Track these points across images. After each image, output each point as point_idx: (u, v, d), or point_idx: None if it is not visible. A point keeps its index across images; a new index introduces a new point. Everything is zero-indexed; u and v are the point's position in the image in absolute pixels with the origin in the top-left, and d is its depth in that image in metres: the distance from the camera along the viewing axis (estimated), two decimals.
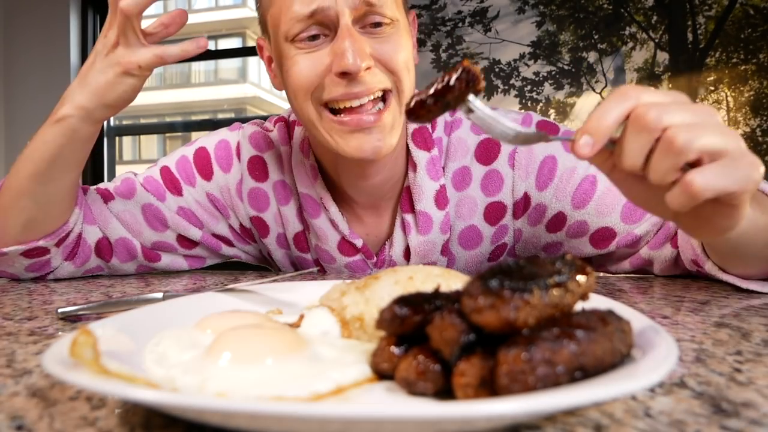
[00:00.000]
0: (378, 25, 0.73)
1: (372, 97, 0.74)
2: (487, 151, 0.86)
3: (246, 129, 0.96)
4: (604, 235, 0.84)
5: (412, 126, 0.86)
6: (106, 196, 0.93)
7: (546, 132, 0.71)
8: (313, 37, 0.73)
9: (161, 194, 0.93)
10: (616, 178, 0.49)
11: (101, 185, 0.96)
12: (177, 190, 0.94)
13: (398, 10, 0.76)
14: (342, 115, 0.74)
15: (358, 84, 0.72)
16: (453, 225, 0.88)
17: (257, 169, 0.93)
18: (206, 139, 0.97)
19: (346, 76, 0.71)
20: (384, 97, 0.75)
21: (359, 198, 0.89)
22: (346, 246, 0.90)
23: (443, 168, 0.87)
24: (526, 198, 0.87)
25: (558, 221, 0.86)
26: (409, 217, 0.87)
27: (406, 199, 0.87)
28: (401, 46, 0.75)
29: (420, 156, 0.85)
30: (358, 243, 0.90)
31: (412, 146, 0.85)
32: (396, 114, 0.76)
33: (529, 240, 0.90)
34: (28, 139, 0.86)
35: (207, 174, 0.94)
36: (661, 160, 0.42)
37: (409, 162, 0.87)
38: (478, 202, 0.87)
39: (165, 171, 0.95)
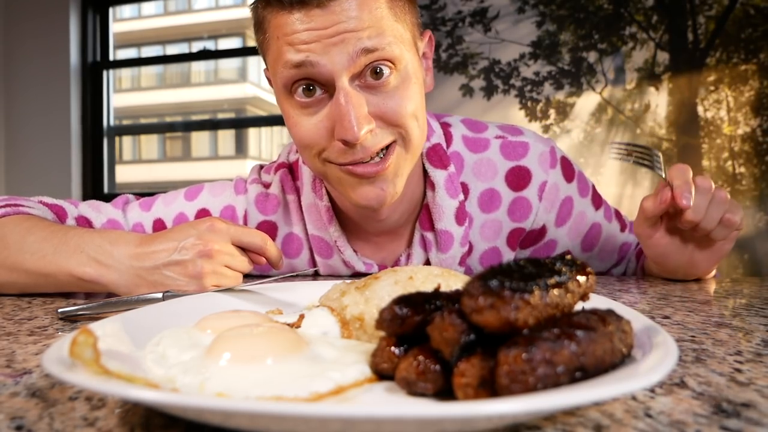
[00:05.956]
0: (380, 74, 0.67)
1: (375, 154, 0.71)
2: (518, 178, 0.87)
3: (251, 193, 0.91)
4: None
5: (426, 145, 0.84)
6: None
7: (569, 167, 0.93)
8: (310, 89, 0.68)
9: None
10: (655, 238, 0.78)
11: (85, 212, 0.89)
12: None
13: (405, 46, 0.70)
14: (348, 165, 0.72)
15: (360, 149, 0.69)
16: (475, 245, 0.88)
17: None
18: (209, 198, 0.91)
19: (347, 143, 0.68)
20: (388, 146, 0.72)
21: (376, 232, 0.88)
22: (361, 274, 0.90)
23: (466, 185, 0.87)
24: (543, 230, 0.90)
25: None
26: (429, 236, 0.86)
27: (425, 217, 0.86)
28: (407, 97, 0.70)
29: (438, 175, 0.83)
30: (374, 270, 0.89)
31: (428, 166, 0.84)
32: (401, 160, 0.73)
33: None
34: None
35: None
36: (714, 210, 0.71)
37: (427, 182, 0.85)
38: (503, 226, 0.88)
39: (159, 225, 0.90)
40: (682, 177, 0.71)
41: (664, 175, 0.74)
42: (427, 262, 0.88)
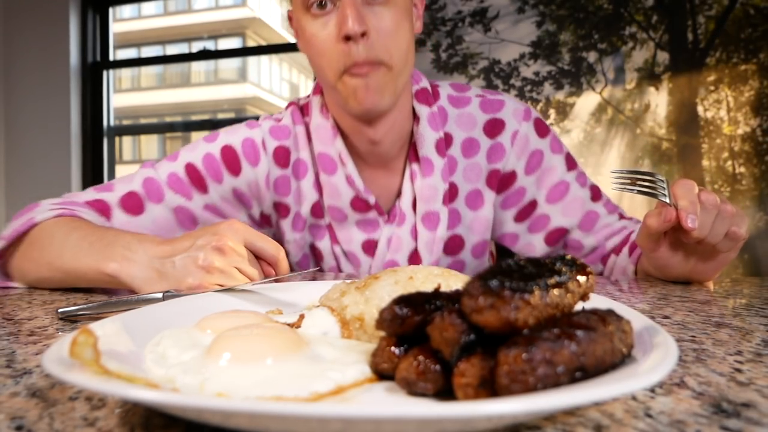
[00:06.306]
0: None
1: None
2: (493, 127, 0.99)
3: (264, 125, 1.01)
4: (559, 235, 1.00)
5: (416, 87, 0.98)
6: (136, 208, 0.92)
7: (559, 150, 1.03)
8: (323, 5, 0.84)
9: (188, 193, 0.95)
10: (659, 251, 0.79)
11: (123, 189, 0.93)
12: (203, 188, 0.96)
13: None
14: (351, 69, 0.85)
15: (359, 50, 0.82)
16: (460, 186, 0.99)
17: (281, 158, 1.00)
18: (229, 137, 0.99)
19: (348, 40, 0.82)
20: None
21: (372, 158, 0.97)
22: (359, 203, 0.97)
23: (449, 135, 0.98)
24: (512, 176, 1.00)
25: (528, 209, 1.01)
26: (415, 166, 0.97)
27: (412, 151, 0.98)
28: (396, 21, 0.85)
29: (422, 110, 0.96)
30: (371, 199, 0.97)
31: (415, 103, 0.97)
32: (387, 79, 0.86)
33: (494, 221, 1.04)
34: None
35: (235, 170, 0.98)
36: (719, 225, 0.71)
37: (414, 117, 0.97)
38: (482, 168, 0.99)
39: (190, 168, 0.96)
40: (687, 196, 0.70)
41: (668, 201, 0.72)
42: (414, 202, 0.97)
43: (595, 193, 1.02)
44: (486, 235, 1.02)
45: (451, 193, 0.98)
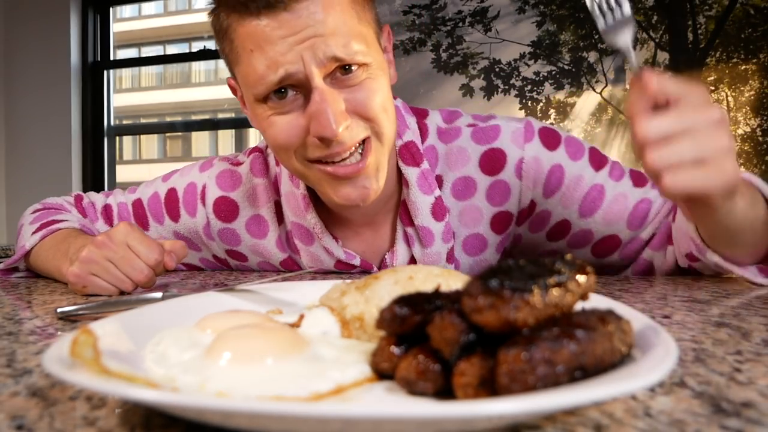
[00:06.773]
0: (349, 70, 0.70)
1: (352, 150, 0.73)
2: (492, 162, 0.85)
3: (215, 168, 0.95)
4: (608, 244, 0.85)
5: (399, 142, 0.85)
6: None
7: (551, 137, 0.87)
8: (282, 91, 0.70)
9: None
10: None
11: (107, 201, 1.03)
12: (144, 226, 0.98)
13: (370, 49, 0.72)
14: (327, 166, 0.73)
15: (337, 144, 0.70)
16: (456, 231, 0.87)
17: (224, 210, 0.93)
18: (179, 179, 0.98)
19: (324, 139, 0.69)
20: (363, 141, 0.73)
21: (354, 218, 0.89)
22: (343, 265, 0.91)
23: (440, 177, 0.86)
24: (532, 205, 0.86)
25: (562, 229, 0.86)
26: (410, 231, 0.87)
27: (404, 213, 0.87)
28: (376, 90, 0.72)
29: (410, 173, 0.84)
30: (356, 262, 0.90)
31: (401, 164, 0.84)
32: (379, 155, 0.75)
33: (527, 246, 0.90)
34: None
35: (174, 216, 0.97)
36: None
37: (402, 178, 0.85)
38: (483, 212, 0.86)
39: (137, 204, 1.00)
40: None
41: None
42: (413, 259, 0.88)
43: (637, 179, 0.85)
44: None
45: (453, 247, 0.88)
